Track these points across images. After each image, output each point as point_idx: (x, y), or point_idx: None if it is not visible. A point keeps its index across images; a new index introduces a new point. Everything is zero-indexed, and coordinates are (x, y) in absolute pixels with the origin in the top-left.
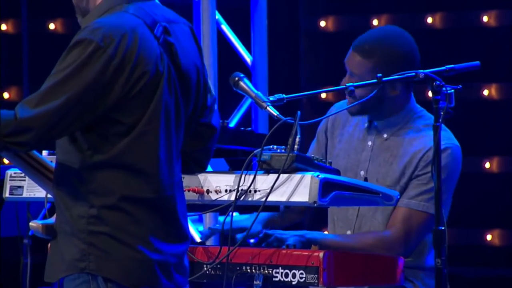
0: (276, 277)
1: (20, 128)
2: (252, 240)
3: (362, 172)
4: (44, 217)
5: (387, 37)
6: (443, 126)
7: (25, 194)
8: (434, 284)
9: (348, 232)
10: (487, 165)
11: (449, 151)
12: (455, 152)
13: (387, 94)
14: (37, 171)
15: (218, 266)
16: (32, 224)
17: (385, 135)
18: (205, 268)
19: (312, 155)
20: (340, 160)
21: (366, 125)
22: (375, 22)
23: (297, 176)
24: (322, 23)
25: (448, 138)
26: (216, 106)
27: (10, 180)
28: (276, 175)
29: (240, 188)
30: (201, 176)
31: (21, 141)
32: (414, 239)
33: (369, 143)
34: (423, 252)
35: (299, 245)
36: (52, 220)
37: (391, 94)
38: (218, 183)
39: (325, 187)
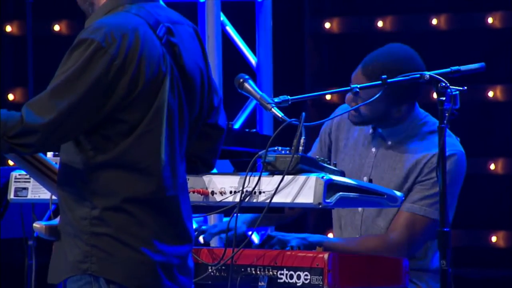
0: (281, 278)
1: (25, 130)
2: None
3: (365, 178)
4: (49, 219)
5: (395, 60)
6: (448, 131)
7: (30, 195)
8: (438, 287)
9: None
10: (492, 166)
11: (454, 158)
12: (460, 158)
13: (392, 114)
14: (41, 173)
15: (223, 267)
16: (35, 225)
17: (389, 143)
18: (209, 270)
19: (317, 156)
20: (345, 165)
21: (370, 131)
22: (380, 23)
23: (302, 178)
24: (327, 25)
25: (453, 144)
26: (222, 107)
27: (15, 181)
28: (281, 176)
29: (245, 190)
30: (206, 178)
31: (26, 143)
32: (416, 244)
33: (373, 149)
34: (427, 254)
35: (302, 248)
36: (56, 221)
37: (396, 115)
38: (223, 185)
39: (330, 188)
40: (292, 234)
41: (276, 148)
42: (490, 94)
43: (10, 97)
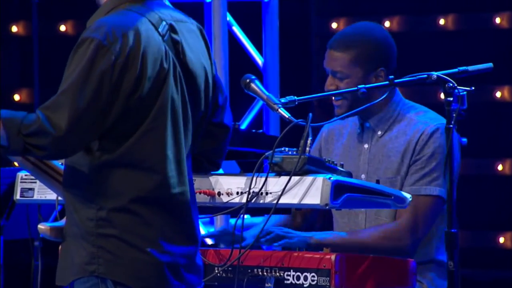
0: (288, 279)
1: (41, 131)
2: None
3: (363, 176)
4: (55, 220)
5: (361, 30)
6: (425, 107)
7: (36, 196)
8: (443, 284)
9: None
10: (500, 167)
11: (440, 131)
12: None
13: (372, 82)
14: (46, 174)
15: (229, 268)
16: (40, 226)
17: (379, 132)
18: (216, 271)
19: (324, 157)
20: None
21: (359, 130)
22: (387, 23)
23: (308, 178)
24: (334, 25)
25: (435, 118)
26: (228, 105)
27: (21, 182)
28: (288, 177)
29: (251, 190)
30: (213, 178)
31: (41, 144)
32: (423, 225)
33: (366, 145)
34: (432, 242)
35: (305, 247)
36: (61, 222)
37: (375, 81)
38: (230, 185)
39: (337, 189)
40: (300, 233)
41: (283, 148)
42: (498, 94)
43: (16, 97)
